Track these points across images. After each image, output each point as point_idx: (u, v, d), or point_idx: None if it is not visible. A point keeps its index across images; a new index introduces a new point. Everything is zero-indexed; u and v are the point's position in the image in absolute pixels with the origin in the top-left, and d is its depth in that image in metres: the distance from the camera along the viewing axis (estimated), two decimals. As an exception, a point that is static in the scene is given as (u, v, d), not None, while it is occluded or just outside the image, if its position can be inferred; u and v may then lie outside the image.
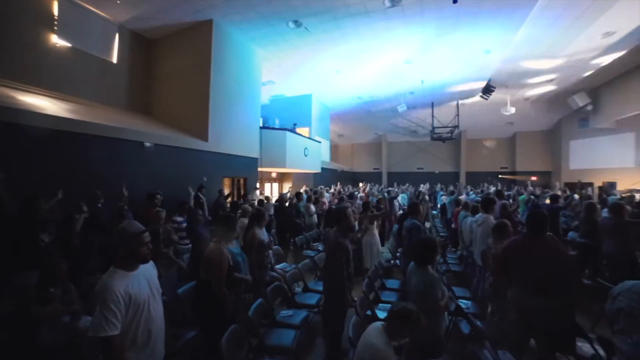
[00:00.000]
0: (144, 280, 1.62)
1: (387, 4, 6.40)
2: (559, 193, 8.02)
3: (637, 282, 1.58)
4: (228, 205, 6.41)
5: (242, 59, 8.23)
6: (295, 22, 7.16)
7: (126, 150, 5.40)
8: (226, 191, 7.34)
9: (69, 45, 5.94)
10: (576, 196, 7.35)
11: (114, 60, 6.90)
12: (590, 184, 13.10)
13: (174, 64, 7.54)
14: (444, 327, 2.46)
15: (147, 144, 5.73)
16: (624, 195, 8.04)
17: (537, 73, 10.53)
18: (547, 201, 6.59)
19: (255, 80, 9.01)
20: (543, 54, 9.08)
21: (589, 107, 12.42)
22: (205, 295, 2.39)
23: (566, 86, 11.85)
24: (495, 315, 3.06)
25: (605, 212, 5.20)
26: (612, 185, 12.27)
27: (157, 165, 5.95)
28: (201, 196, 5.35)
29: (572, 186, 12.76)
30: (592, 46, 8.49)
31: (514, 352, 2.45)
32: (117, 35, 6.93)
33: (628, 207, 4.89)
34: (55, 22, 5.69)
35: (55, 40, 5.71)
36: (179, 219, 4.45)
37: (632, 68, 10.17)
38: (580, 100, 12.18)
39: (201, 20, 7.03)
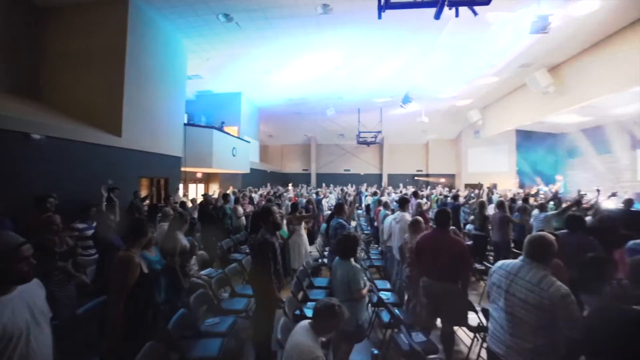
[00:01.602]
0: (22, 305, 1.30)
1: (319, 10, 6.61)
2: (460, 192, 9.54)
3: (505, 261, 2.00)
4: (145, 208, 5.74)
5: (164, 47, 7.44)
6: (226, 15, 6.83)
7: (3, 143, 4.32)
8: (144, 193, 6.54)
9: None
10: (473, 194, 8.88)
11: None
12: (481, 185, 15.99)
13: (77, 42, 6.30)
14: (365, 313, 2.68)
15: (36, 137, 4.70)
16: (502, 195, 10.02)
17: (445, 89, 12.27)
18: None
19: (180, 73, 8.27)
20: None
21: (480, 122, 15.17)
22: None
23: (465, 103, 14.12)
24: (411, 302, 3.46)
25: (491, 208, 6.56)
26: (495, 186, 15.23)
27: (52, 162, 4.91)
28: (114, 198, 4.68)
29: (473, 186, 15.41)
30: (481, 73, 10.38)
31: (424, 331, 2.82)
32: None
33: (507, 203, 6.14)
34: None
35: None
36: (81, 225, 3.83)
37: (505, 94, 13.03)
38: (474, 116, 14.88)
39: (112, -4, 6.15)
